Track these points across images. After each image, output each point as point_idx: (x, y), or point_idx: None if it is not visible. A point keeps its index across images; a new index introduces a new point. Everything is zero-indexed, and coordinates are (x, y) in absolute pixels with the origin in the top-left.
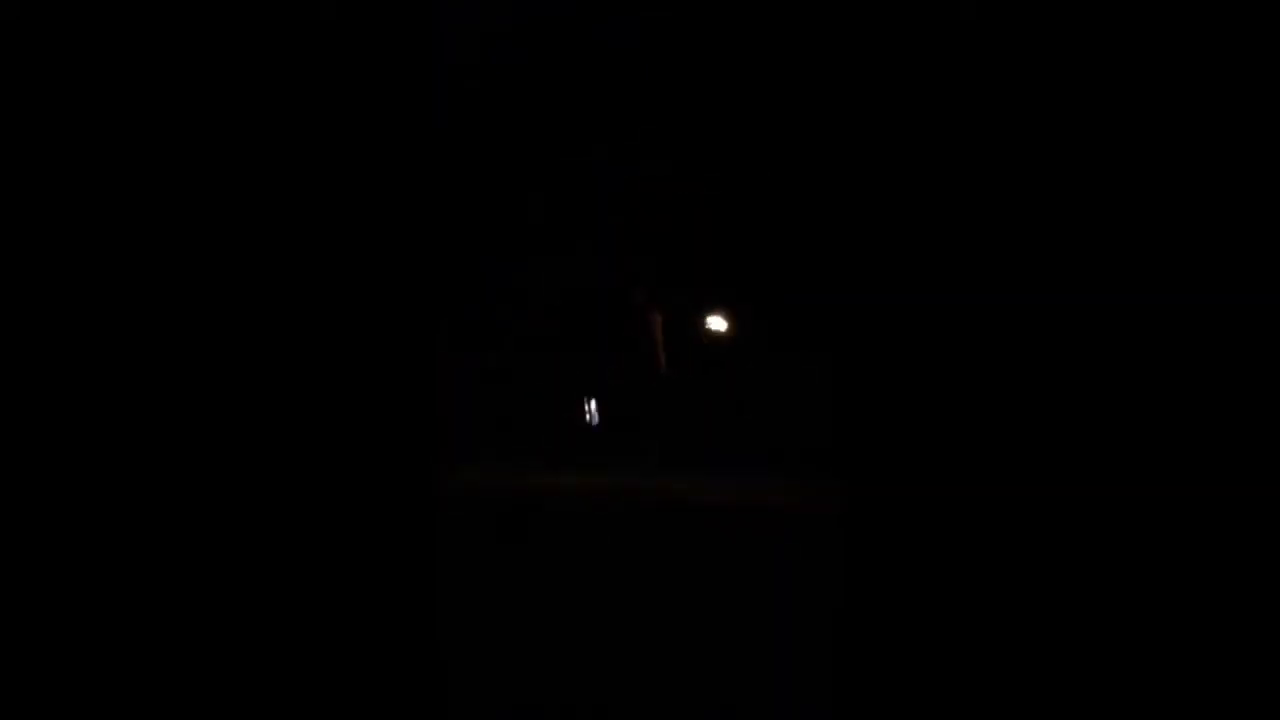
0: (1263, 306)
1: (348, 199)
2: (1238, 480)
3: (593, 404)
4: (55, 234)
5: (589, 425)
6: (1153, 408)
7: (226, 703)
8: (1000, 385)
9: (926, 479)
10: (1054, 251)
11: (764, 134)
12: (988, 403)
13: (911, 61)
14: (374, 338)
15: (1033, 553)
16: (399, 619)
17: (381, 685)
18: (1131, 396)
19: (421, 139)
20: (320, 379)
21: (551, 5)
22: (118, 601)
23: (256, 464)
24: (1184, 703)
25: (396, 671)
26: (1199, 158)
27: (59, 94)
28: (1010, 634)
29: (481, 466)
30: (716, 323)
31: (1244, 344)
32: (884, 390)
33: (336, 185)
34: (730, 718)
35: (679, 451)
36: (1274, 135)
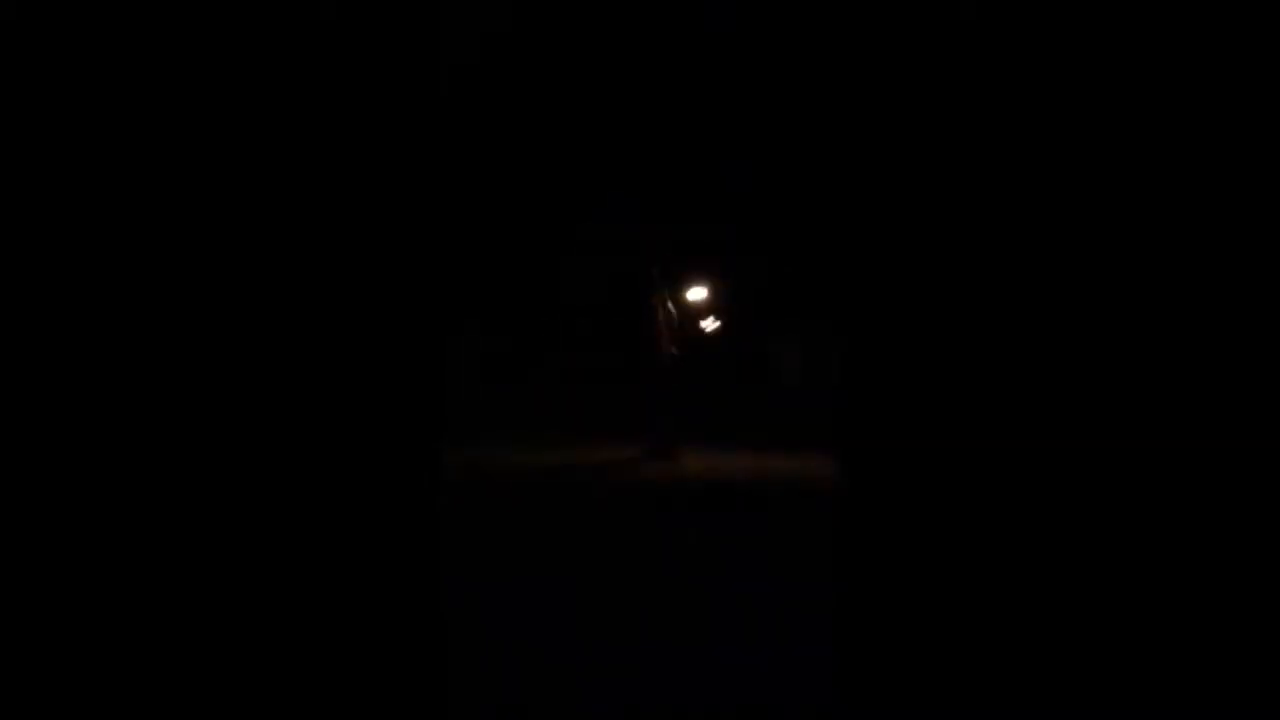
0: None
1: (348, 198)
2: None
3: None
4: (68, 232)
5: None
6: (1150, 409)
7: (232, 684)
8: (997, 373)
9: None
10: (1053, 248)
11: (764, 132)
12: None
13: (911, 61)
14: (374, 334)
15: (1029, 537)
16: (405, 601)
17: (388, 665)
18: (1129, 397)
19: (422, 139)
20: (325, 370)
21: (551, 5)
22: (122, 580)
23: (264, 444)
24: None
25: (402, 652)
26: (1200, 158)
27: (60, 94)
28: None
29: (495, 446)
30: (697, 293)
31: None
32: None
33: (337, 185)
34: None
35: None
36: (1274, 135)
